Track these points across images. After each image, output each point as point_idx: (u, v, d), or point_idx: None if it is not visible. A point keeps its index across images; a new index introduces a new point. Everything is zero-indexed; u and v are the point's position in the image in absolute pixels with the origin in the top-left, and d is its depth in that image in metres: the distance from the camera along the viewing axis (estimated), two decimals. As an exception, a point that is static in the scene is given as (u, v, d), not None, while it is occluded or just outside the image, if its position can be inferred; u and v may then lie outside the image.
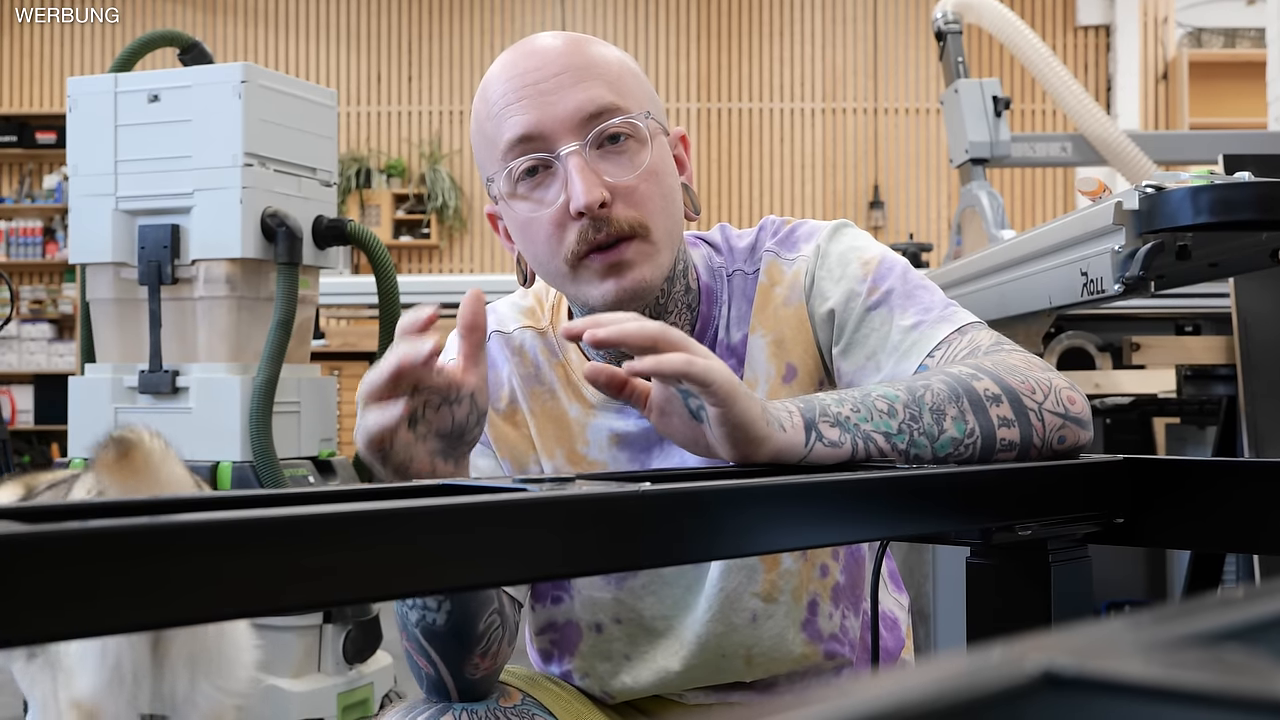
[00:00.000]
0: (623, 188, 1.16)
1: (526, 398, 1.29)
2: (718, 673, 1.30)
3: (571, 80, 1.16)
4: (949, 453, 1.01)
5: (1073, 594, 1.03)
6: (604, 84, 1.17)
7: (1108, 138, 3.82)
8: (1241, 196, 1.66)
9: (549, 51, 1.18)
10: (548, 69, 1.17)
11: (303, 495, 0.73)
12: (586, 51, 1.19)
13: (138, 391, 2.96)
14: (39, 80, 9.33)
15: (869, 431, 0.98)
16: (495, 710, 1.23)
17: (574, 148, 1.15)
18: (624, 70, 1.21)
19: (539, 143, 1.16)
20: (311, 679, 2.90)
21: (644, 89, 1.22)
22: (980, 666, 0.35)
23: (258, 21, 9.33)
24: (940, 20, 4.04)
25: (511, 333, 1.31)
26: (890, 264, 1.24)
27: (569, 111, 1.15)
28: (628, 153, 1.17)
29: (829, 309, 1.23)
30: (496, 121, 1.18)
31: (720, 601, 1.26)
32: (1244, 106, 8.21)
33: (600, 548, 0.76)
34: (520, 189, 1.18)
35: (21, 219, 9.04)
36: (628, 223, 1.16)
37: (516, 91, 1.17)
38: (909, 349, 1.18)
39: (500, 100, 1.18)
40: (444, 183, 9.14)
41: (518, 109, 1.16)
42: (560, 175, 1.16)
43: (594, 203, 1.14)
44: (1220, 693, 0.32)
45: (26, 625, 0.53)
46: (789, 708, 0.32)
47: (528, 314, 1.32)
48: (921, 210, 9.19)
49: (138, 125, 2.96)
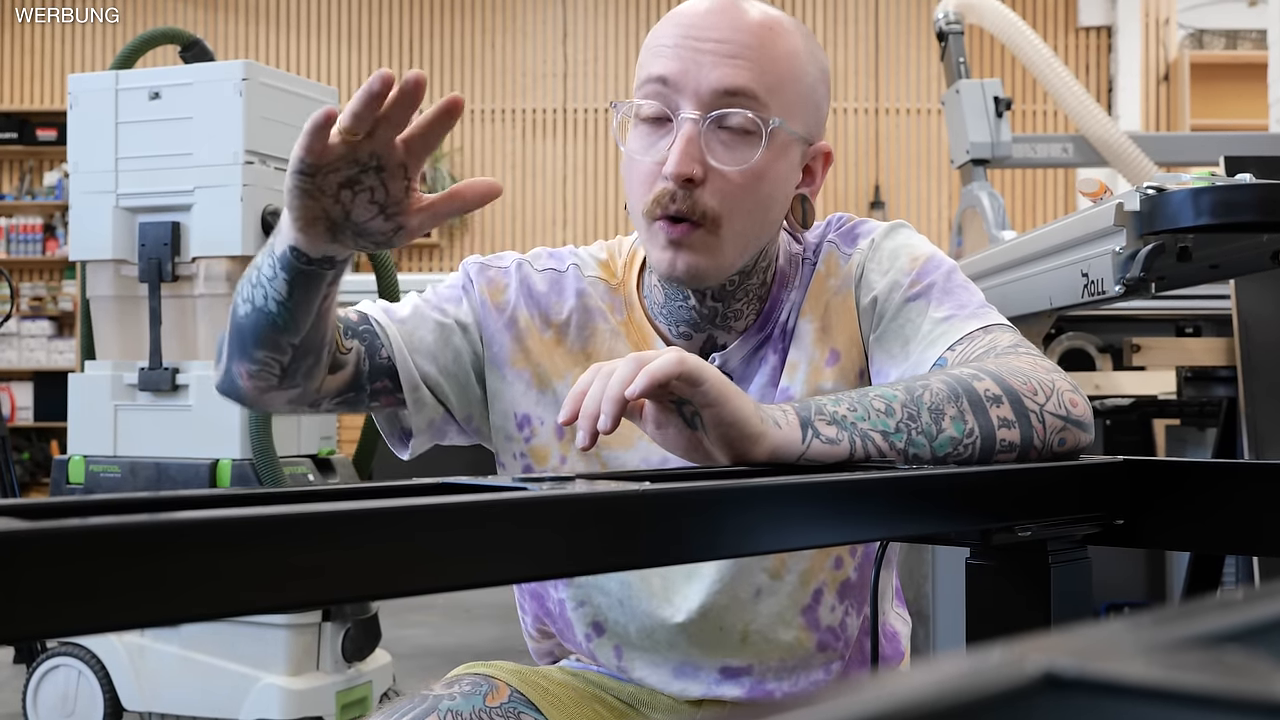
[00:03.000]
0: (719, 174, 1.17)
1: (583, 331, 1.30)
2: (712, 645, 1.27)
3: (728, 52, 1.17)
4: (948, 452, 1.01)
5: (1072, 595, 1.03)
6: (756, 72, 1.17)
7: (1109, 139, 3.82)
8: (1242, 198, 1.66)
9: (731, 17, 1.19)
10: (719, 31, 1.18)
11: (302, 493, 0.73)
12: (765, 36, 1.19)
13: (137, 389, 2.96)
14: (40, 77, 9.33)
15: (866, 430, 0.98)
16: (481, 709, 1.22)
17: (694, 116, 1.16)
18: (790, 70, 1.20)
19: (670, 93, 1.18)
20: (310, 677, 2.90)
21: (803, 96, 1.22)
22: (980, 668, 0.35)
23: (258, 19, 9.33)
24: (942, 21, 4.04)
25: (588, 277, 1.32)
26: (938, 262, 1.26)
27: (709, 81, 1.17)
28: (742, 146, 1.18)
29: (872, 297, 1.25)
30: (652, 53, 1.20)
31: (730, 570, 1.25)
32: (1245, 108, 8.21)
33: (600, 547, 0.75)
34: (640, 126, 1.21)
35: (22, 216, 9.04)
36: (704, 209, 1.17)
37: (683, 37, 1.18)
38: (936, 339, 1.19)
39: (666, 37, 1.20)
40: (444, 181, 9.14)
41: (670, 52, 1.18)
42: (673, 133, 1.18)
43: (683, 173, 1.15)
44: (1221, 694, 0.32)
45: (25, 622, 0.53)
46: (789, 708, 0.32)
47: (604, 267, 1.33)
48: (922, 211, 9.19)
49: (138, 122, 2.96)
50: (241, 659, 2.87)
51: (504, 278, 1.31)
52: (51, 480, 3.05)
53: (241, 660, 2.87)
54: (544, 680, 1.32)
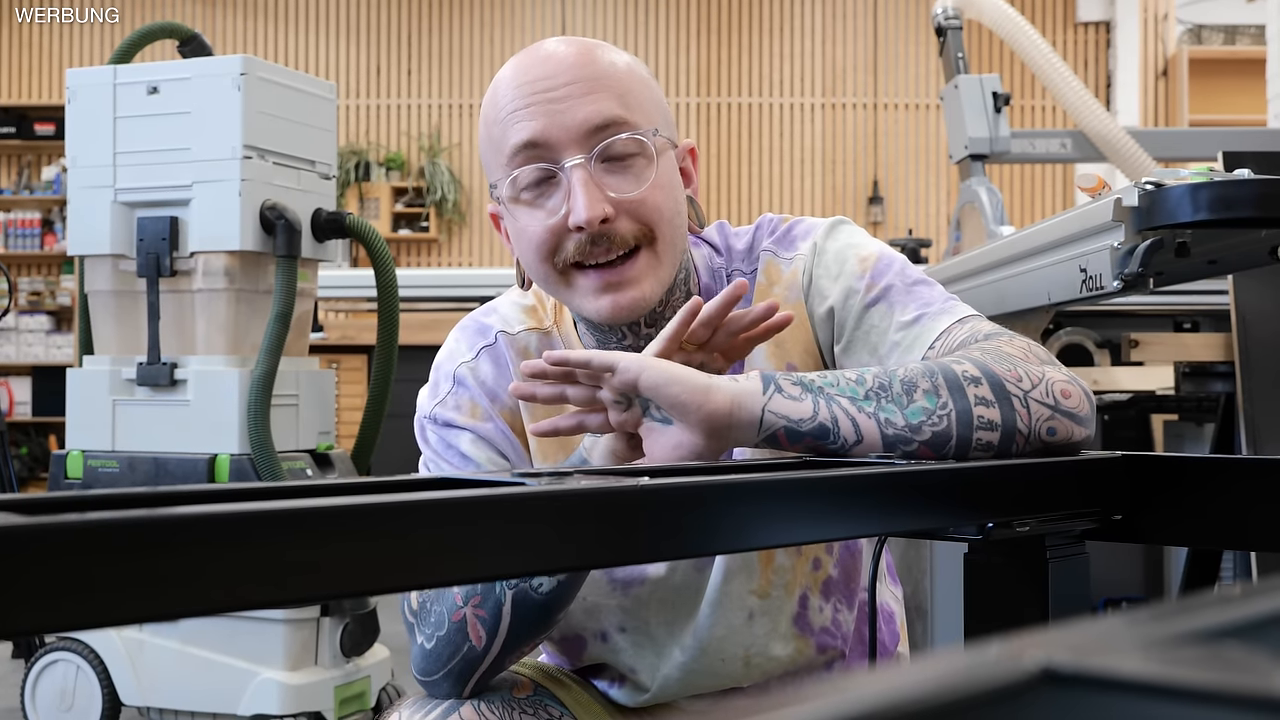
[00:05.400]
0: (628, 202, 1.16)
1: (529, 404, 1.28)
2: (717, 678, 1.29)
3: (581, 91, 1.16)
4: (920, 420, 0.98)
5: (1070, 590, 1.03)
6: (613, 97, 1.16)
7: (1107, 134, 3.82)
8: (1241, 194, 1.66)
9: (560, 59, 1.17)
10: (558, 78, 1.16)
11: (300, 488, 0.73)
12: (598, 61, 1.18)
13: (136, 384, 2.96)
14: (38, 72, 9.32)
15: (833, 395, 0.98)
16: (509, 701, 1.23)
17: (578, 160, 1.14)
18: (635, 82, 1.20)
19: (544, 151, 1.15)
20: (309, 672, 2.90)
21: (654, 101, 1.21)
22: (979, 663, 0.35)
23: (257, 14, 9.32)
24: (940, 16, 4.04)
25: (516, 334, 1.29)
26: (888, 260, 1.23)
27: (576, 123, 1.15)
28: (634, 168, 1.17)
29: (828, 307, 1.23)
30: (503, 126, 1.17)
31: (721, 604, 1.26)
32: (1244, 103, 8.21)
33: (599, 542, 0.75)
34: (523, 196, 1.18)
35: (20, 210, 9.03)
36: (632, 235, 1.16)
37: (525, 98, 1.16)
38: (910, 344, 1.17)
39: (508, 105, 1.17)
40: (443, 176, 9.13)
41: (525, 115, 1.16)
42: (564, 186, 1.15)
43: (595, 218, 1.13)
44: (1218, 690, 0.32)
45: (23, 617, 0.53)
46: (787, 705, 0.32)
47: (530, 314, 1.31)
48: (921, 206, 9.18)
49: (137, 117, 2.95)
50: (240, 654, 2.87)
51: (464, 395, 1.27)
52: (50, 475, 3.05)
53: (240, 655, 2.87)
54: (565, 677, 1.34)
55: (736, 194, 9.28)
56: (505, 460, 1.26)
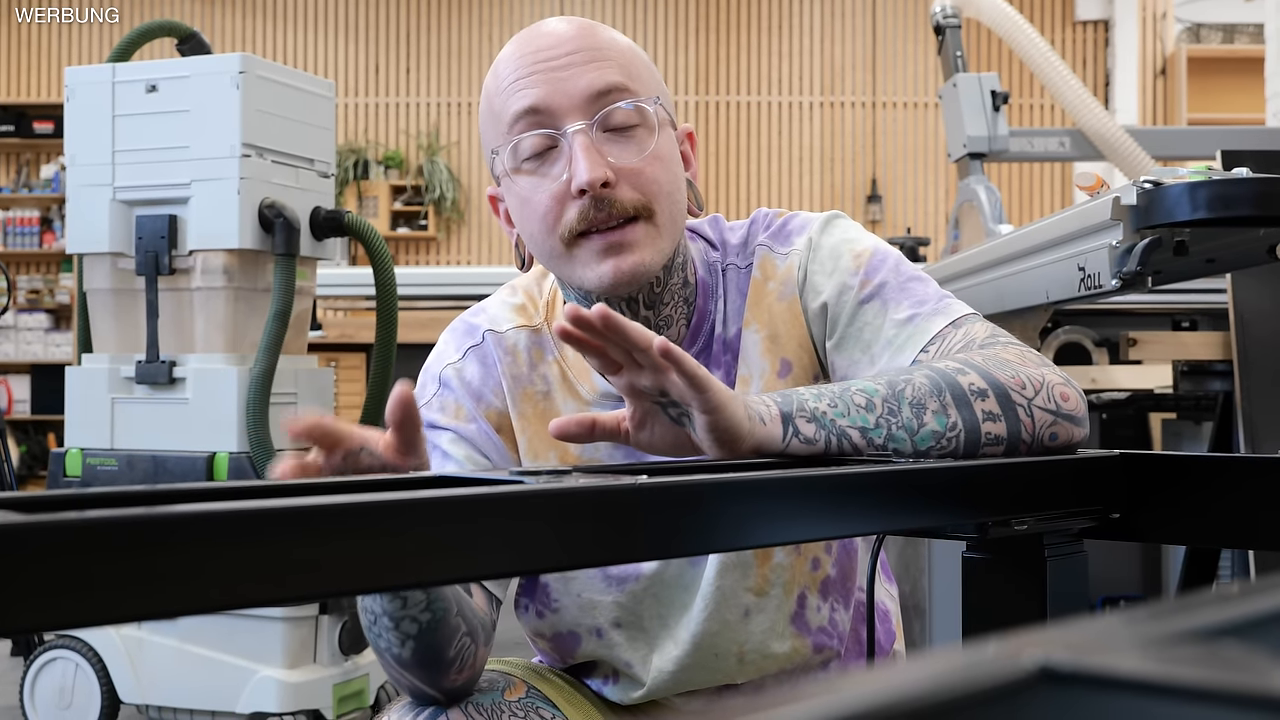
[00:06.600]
0: (628, 170, 1.16)
1: (518, 400, 1.27)
2: (711, 674, 1.29)
3: (583, 60, 1.17)
4: (930, 446, 0.99)
5: (1068, 589, 1.03)
6: (615, 66, 1.17)
7: (1106, 133, 3.82)
8: (1239, 192, 1.66)
9: (562, 33, 1.19)
10: (560, 48, 1.17)
11: (299, 486, 0.73)
12: (599, 35, 1.19)
13: (134, 382, 2.96)
14: (37, 70, 9.31)
15: (844, 427, 0.98)
16: (500, 703, 1.22)
17: (580, 126, 1.15)
18: (635, 57, 1.21)
19: (545, 117, 1.16)
20: (307, 670, 2.90)
21: (654, 77, 1.22)
22: (977, 661, 0.35)
23: (256, 12, 9.31)
24: (939, 14, 4.04)
25: (505, 332, 1.29)
26: (883, 256, 1.23)
27: (579, 89, 1.15)
28: (635, 137, 1.17)
29: (822, 303, 1.23)
30: (505, 96, 1.18)
31: (716, 600, 1.26)
32: (1242, 102, 8.21)
33: (597, 540, 0.75)
34: (525, 165, 1.18)
35: (19, 209, 9.02)
36: (632, 204, 1.15)
37: (527, 68, 1.17)
38: (904, 343, 1.17)
39: (510, 75, 1.18)
40: (442, 174, 9.13)
41: (527, 83, 1.16)
42: (565, 153, 1.15)
43: (596, 180, 1.13)
44: (1216, 688, 0.32)
45: (22, 615, 0.53)
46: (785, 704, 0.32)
47: (519, 312, 1.30)
48: (919, 204, 9.18)
49: (135, 115, 2.95)
50: (239, 652, 2.87)
51: (448, 397, 1.27)
52: (49, 473, 3.05)
53: (239, 653, 2.87)
54: (556, 677, 1.34)
55: (735, 192, 9.28)
56: (486, 460, 1.26)
